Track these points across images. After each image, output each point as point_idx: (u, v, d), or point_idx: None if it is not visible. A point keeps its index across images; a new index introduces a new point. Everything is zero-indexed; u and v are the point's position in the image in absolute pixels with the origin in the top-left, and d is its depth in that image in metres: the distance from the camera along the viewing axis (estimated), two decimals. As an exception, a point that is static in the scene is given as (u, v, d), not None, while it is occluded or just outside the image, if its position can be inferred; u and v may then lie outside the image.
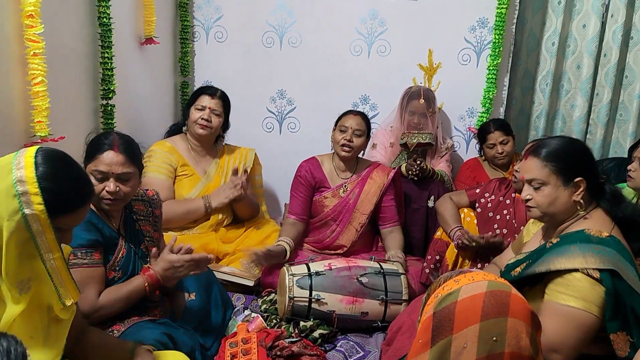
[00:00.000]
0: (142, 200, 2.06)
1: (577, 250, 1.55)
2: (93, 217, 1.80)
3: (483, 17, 3.31)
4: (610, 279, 1.50)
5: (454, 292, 1.17)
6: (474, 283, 1.17)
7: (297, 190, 2.77)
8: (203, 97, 2.80)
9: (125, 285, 1.82)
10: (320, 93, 3.53)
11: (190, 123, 2.81)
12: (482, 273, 1.22)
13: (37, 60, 1.94)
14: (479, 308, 1.13)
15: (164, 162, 2.73)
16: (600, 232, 1.59)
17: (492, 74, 3.27)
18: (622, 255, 1.55)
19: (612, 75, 3.33)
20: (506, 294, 1.16)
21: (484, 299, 1.13)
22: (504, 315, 1.13)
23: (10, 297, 1.23)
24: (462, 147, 3.54)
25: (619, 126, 3.47)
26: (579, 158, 1.70)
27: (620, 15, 3.25)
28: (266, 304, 2.43)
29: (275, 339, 2.09)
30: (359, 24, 3.43)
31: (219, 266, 2.58)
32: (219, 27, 3.53)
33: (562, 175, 1.67)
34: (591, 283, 1.51)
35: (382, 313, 2.30)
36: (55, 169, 1.27)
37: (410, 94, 3.17)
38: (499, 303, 1.13)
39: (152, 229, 2.04)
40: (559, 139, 1.74)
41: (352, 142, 2.67)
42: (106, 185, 1.79)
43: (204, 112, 2.77)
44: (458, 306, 1.15)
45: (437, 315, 1.17)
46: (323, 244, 2.77)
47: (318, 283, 2.28)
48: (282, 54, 3.52)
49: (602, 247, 1.54)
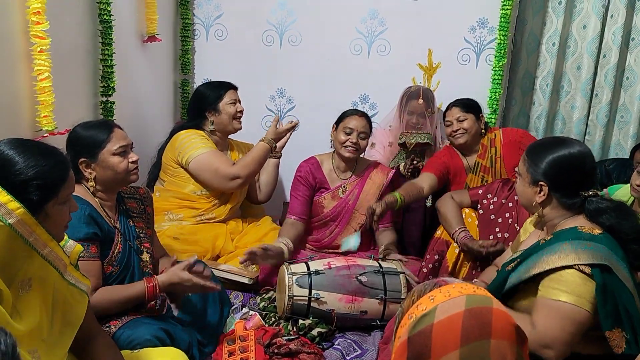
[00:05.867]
0: (134, 198, 2.07)
1: (569, 247, 1.56)
2: (93, 211, 1.81)
3: (483, 17, 3.31)
4: (601, 274, 1.51)
5: (430, 312, 1.02)
6: (451, 300, 1.02)
7: (297, 191, 2.77)
8: (229, 92, 2.83)
9: (125, 289, 1.82)
10: (320, 92, 3.53)
11: (224, 118, 2.79)
12: (459, 285, 1.07)
13: (43, 56, 1.97)
14: (457, 331, 0.99)
15: (205, 138, 2.72)
16: (592, 229, 1.60)
17: (498, 75, 3.26)
18: (614, 252, 1.56)
19: (611, 76, 3.33)
20: (487, 310, 1.02)
21: (463, 320, 0.99)
22: (486, 337, 0.99)
23: None
24: (461, 147, 3.54)
25: (620, 128, 3.46)
26: (554, 165, 1.68)
27: (620, 15, 3.25)
28: (264, 302, 2.43)
29: (272, 337, 2.09)
30: (359, 23, 3.43)
31: (217, 264, 2.58)
32: (219, 25, 3.52)
33: (530, 173, 1.71)
34: (583, 278, 1.52)
35: (381, 312, 2.30)
36: (14, 164, 1.26)
37: (409, 94, 3.16)
38: (480, 323, 0.99)
39: (146, 226, 2.05)
40: (555, 143, 1.73)
41: (358, 145, 2.67)
42: (129, 157, 1.90)
43: (237, 105, 2.82)
44: (435, 329, 1.00)
45: (412, 341, 1.02)
46: (322, 244, 2.77)
47: (317, 282, 2.28)
48: (282, 52, 3.52)
49: (593, 244, 1.55)
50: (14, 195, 1.21)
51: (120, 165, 1.88)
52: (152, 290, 1.83)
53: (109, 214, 1.90)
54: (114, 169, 1.87)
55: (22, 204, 1.22)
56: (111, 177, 1.88)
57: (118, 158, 1.88)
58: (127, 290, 1.81)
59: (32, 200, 1.26)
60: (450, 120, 2.87)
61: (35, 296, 1.26)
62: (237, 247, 2.67)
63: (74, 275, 1.40)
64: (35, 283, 1.27)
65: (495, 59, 3.27)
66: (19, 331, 1.19)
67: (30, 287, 1.25)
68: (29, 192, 1.26)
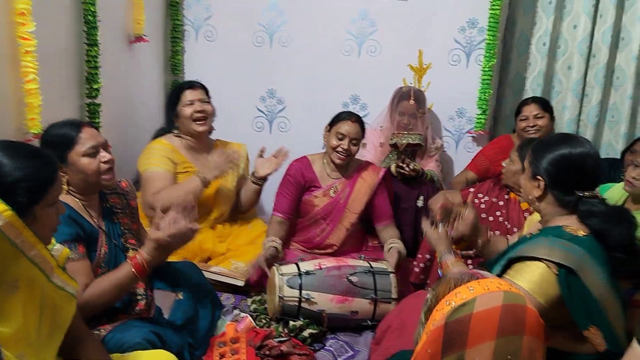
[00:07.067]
0: (117, 192, 2.00)
1: (545, 242, 1.58)
2: (72, 212, 1.76)
3: (473, 18, 3.32)
4: (567, 275, 1.51)
5: (469, 302, 1.10)
6: (490, 294, 1.11)
7: (286, 189, 2.76)
8: (185, 92, 2.72)
9: (112, 274, 1.72)
10: (311, 93, 3.53)
11: (184, 122, 2.71)
12: (496, 281, 1.16)
13: (29, 58, 1.95)
14: (495, 323, 1.07)
15: (164, 156, 2.66)
16: (577, 230, 1.60)
17: (487, 75, 3.28)
18: (593, 256, 1.54)
19: (601, 76, 3.34)
20: (522, 308, 1.11)
21: (501, 314, 1.08)
22: (520, 332, 1.09)
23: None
24: (452, 147, 3.55)
25: (611, 127, 3.48)
26: (553, 162, 1.67)
27: (610, 15, 3.26)
28: (255, 304, 2.42)
29: (264, 339, 2.09)
30: (350, 24, 3.43)
31: (208, 266, 2.56)
32: (208, 26, 3.51)
33: (531, 168, 1.72)
34: (548, 274, 1.52)
35: (371, 312, 2.30)
36: (2, 166, 1.26)
37: (400, 95, 3.18)
38: (516, 319, 1.09)
39: (131, 221, 2.00)
40: (560, 141, 1.71)
41: (349, 151, 2.66)
42: (101, 157, 1.81)
43: (194, 105, 2.70)
44: (473, 319, 1.08)
45: (449, 326, 1.09)
46: (313, 243, 2.75)
47: (308, 282, 2.27)
48: (272, 53, 3.51)
49: (571, 245, 1.55)
50: (1, 198, 1.21)
51: (90, 167, 1.78)
52: (139, 267, 1.69)
53: (91, 213, 1.85)
54: (84, 171, 1.78)
55: (10, 206, 1.21)
56: (82, 180, 1.80)
57: (88, 159, 1.78)
58: (115, 275, 1.70)
59: (20, 202, 1.24)
60: (527, 115, 3.01)
61: (21, 298, 1.25)
62: (229, 249, 2.65)
63: (62, 278, 1.38)
64: (22, 285, 1.25)
65: (484, 60, 3.28)
66: (4, 333, 1.18)
67: (17, 289, 1.24)
68: (17, 195, 1.25)
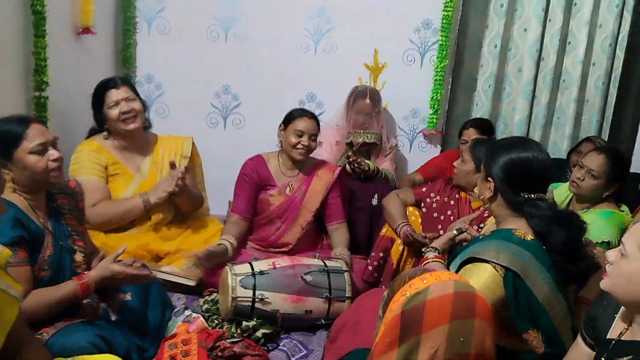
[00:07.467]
0: (65, 193, 1.94)
1: (494, 245, 1.62)
2: (18, 212, 1.70)
3: (427, 19, 3.36)
4: (513, 279, 1.56)
5: (423, 291, 1.17)
6: (442, 282, 1.18)
7: (241, 189, 2.73)
8: (108, 93, 2.53)
9: (56, 290, 1.73)
10: (267, 89, 3.49)
11: (113, 124, 2.55)
12: (447, 273, 1.24)
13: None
14: (448, 309, 1.14)
15: (93, 162, 2.54)
16: (525, 234, 1.64)
17: (440, 75, 3.33)
18: (539, 260, 1.59)
19: (549, 79, 3.43)
20: (472, 295, 1.18)
21: (453, 300, 1.15)
22: (471, 317, 1.15)
23: None
24: (406, 147, 3.59)
25: (557, 129, 3.58)
26: (503, 165, 1.70)
27: (558, 20, 3.35)
28: (208, 304, 2.38)
29: (216, 340, 2.06)
30: (306, 21, 3.41)
31: (159, 266, 2.50)
32: (161, 18, 3.44)
33: (485, 168, 1.76)
34: (494, 276, 1.57)
35: (325, 311, 2.30)
36: None
37: (356, 94, 3.21)
38: (467, 304, 1.16)
39: (78, 223, 1.95)
40: (512, 145, 1.75)
41: (309, 147, 2.67)
42: (49, 155, 1.75)
43: (119, 106, 2.52)
44: (427, 306, 1.15)
45: (405, 314, 1.16)
46: (267, 242, 2.73)
47: (262, 282, 2.25)
48: (227, 48, 3.46)
49: (518, 249, 1.59)
50: None
51: (38, 165, 1.72)
52: (84, 287, 1.74)
53: (38, 213, 1.79)
54: (32, 169, 1.72)
55: None
56: (29, 178, 1.74)
57: (36, 157, 1.72)
58: (59, 291, 1.72)
59: None
60: (466, 139, 3.03)
61: None
62: (181, 249, 2.59)
63: (4, 280, 1.32)
64: None
65: (437, 60, 3.33)
66: None
67: None
68: None
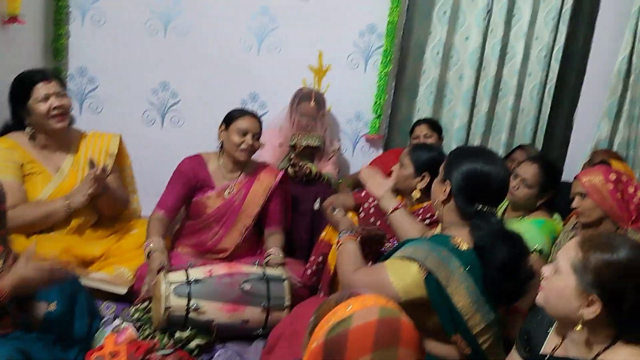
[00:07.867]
0: None
1: (426, 247, 1.65)
2: None
3: (372, 23, 3.35)
4: (435, 283, 1.58)
5: (347, 318, 1.15)
6: (366, 309, 1.16)
7: (175, 183, 2.62)
8: (38, 86, 2.36)
9: None
10: (208, 87, 3.41)
11: (40, 120, 2.38)
12: (373, 297, 1.21)
13: None
14: (371, 338, 1.12)
15: (7, 160, 2.36)
16: (461, 243, 1.65)
17: (383, 81, 3.34)
18: (468, 270, 1.60)
19: (489, 87, 3.51)
20: (397, 321, 1.16)
21: (377, 328, 1.13)
22: (395, 345, 1.12)
23: None
24: (349, 150, 3.58)
25: (493, 136, 3.67)
26: (463, 173, 1.71)
27: (499, 30, 3.43)
28: (139, 313, 2.27)
29: (146, 352, 1.97)
30: (249, 18, 3.35)
31: (87, 272, 2.37)
32: (96, 9, 3.28)
33: (444, 172, 1.78)
34: (418, 275, 1.60)
35: (263, 320, 2.25)
36: None
37: (301, 96, 3.19)
38: (391, 332, 1.14)
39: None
40: (475, 154, 1.76)
41: (253, 147, 2.60)
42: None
43: (49, 101, 2.36)
44: (350, 334, 1.13)
45: (328, 344, 1.13)
46: (204, 248, 2.63)
47: (197, 291, 2.17)
48: (166, 43, 3.35)
49: (449, 255, 1.61)
50: None
51: None
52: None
53: None
54: None
55: None
56: None
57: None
58: None
59: None
60: (418, 134, 3.17)
61: None
62: (111, 254, 2.47)
63: None
64: None
65: (381, 65, 3.34)
66: None
67: None
68: None
